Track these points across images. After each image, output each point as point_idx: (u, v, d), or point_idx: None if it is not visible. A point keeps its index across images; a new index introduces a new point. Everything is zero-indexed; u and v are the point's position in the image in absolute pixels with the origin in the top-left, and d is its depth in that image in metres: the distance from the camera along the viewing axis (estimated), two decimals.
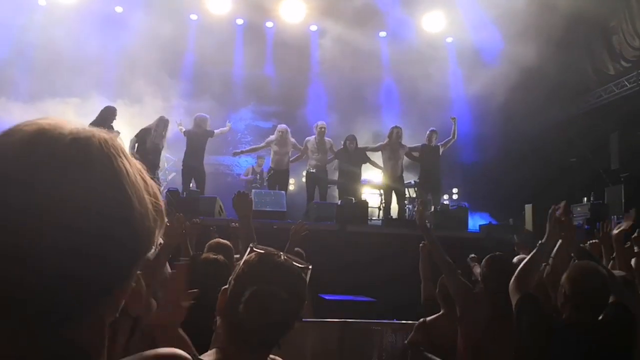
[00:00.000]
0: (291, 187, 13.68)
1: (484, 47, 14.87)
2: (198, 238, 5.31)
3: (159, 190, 0.86)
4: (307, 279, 1.81)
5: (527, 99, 13.65)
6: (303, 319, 6.01)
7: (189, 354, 1.53)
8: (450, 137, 11.66)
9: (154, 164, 10.59)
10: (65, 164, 0.74)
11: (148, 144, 10.55)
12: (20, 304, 0.71)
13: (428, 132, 11.56)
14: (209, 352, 1.69)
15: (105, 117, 10.16)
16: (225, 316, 1.72)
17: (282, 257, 1.78)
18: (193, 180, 11.24)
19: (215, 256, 3.55)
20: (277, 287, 1.69)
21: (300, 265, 1.80)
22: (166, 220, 0.85)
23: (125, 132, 10.67)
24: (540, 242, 3.41)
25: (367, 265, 8.67)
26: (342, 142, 11.52)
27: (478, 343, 4.09)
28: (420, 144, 11.65)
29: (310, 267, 1.84)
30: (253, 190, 11.00)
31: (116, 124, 10.36)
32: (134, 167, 0.81)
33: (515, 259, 4.57)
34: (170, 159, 13.65)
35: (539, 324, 3.03)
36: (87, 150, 0.76)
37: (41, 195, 0.71)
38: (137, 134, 10.69)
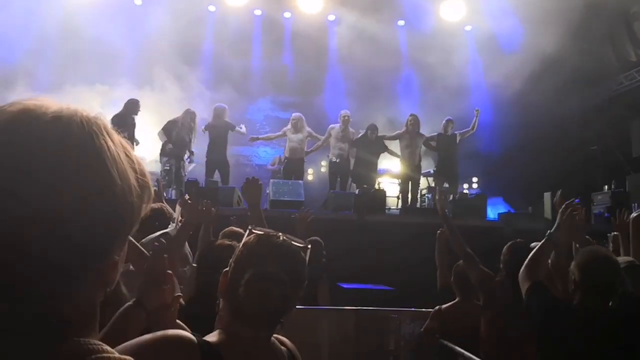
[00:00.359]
0: (310, 177, 13.69)
1: (503, 35, 14.69)
2: (217, 227, 5.34)
3: (145, 167, 0.88)
4: (307, 258, 1.79)
5: (547, 86, 13.48)
6: (320, 307, 6.06)
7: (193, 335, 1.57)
8: (470, 128, 11.60)
9: (178, 155, 10.69)
10: (44, 141, 0.76)
11: (174, 136, 10.64)
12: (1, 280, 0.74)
13: (444, 121, 11.53)
14: (213, 333, 1.70)
15: (130, 109, 10.44)
16: (226, 298, 1.73)
17: (281, 238, 1.77)
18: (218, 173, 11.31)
19: (230, 242, 3.57)
20: (276, 268, 1.69)
21: (299, 245, 1.79)
22: (156, 199, 0.87)
23: (150, 120, 10.81)
24: (549, 231, 3.41)
25: (385, 254, 8.68)
26: (364, 131, 11.48)
27: (501, 330, 4.09)
28: (436, 133, 11.61)
29: (309, 246, 1.83)
30: (271, 180, 11.04)
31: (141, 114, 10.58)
32: (118, 145, 0.83)
33: (532, 244, 4.55)
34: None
35: (550, 309, 3.02)
36: (67, 128, 0.78)
37: (20, 173, 0.73)
38: (164, 126, 10.80)
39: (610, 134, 13.25)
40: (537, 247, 3.38)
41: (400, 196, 11.55)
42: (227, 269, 1.77)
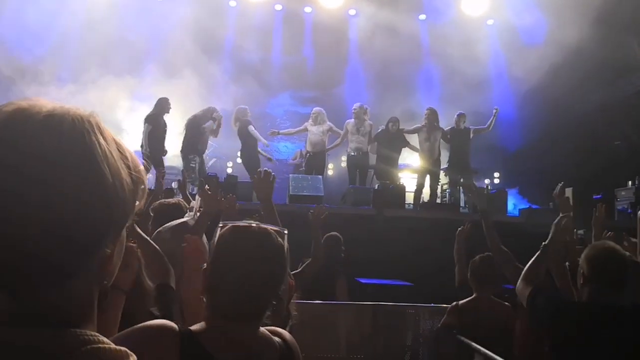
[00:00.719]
0: (330, 172, 13.69)
1: (525, 29, 14.55)
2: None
3: (139, 163, 0.91)
4: (285, 243, 1.76)
5: (570, 80, 13.30)
6: (338, 301, 6.05)
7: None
8: (486, 127, 11.49)
9: (200, 151, 10.76)
10: (37, 139, 0.78)
11: (194, 131, 10.74)
12: None
13: (456, 115, 11.43)
14: (197, 324, 1.68)
15: (161, 109, 10.58)
16: (207, 294, 1.70)
17: (256, 227, 1.75)
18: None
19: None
20: (252, 258, 1.68)
21: (275, 230, 1.76)
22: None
23: (172, 113, 10.91)
24: (544, 243, 3.42)
25: (404, 249, 8.65)
26: (385, 124, 11.44)
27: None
28: (450, 127, 11.52)
29: (285, 231, 1.80)
30: (290, 175, 11.06)
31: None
32: (110, 142, 0.85)
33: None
34: (211, 145, 13.83)
35: (560, 308, 3.00)
36: (59, 126, 0.80)
37: (13, 170, 0.76)
38: (187, 122, 10.86)
39: (634, 129, 13.05)
40: (533, 259, 3.37)
41: (415, 190, 11.44)
42: (205, 266, 1.75)
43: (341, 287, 6.34)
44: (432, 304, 6.04)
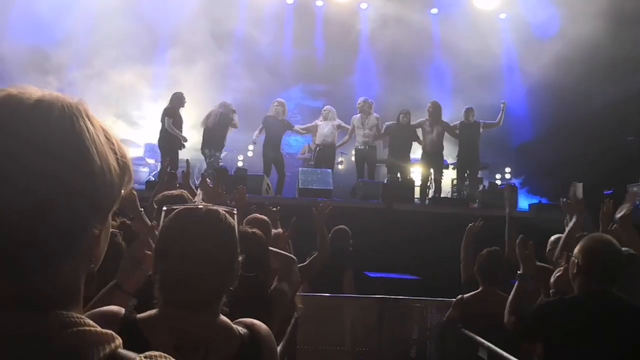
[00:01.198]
0: (340, 167, 13.70)
1: (538, 23, 14.45)
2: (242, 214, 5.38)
3: (126, 150, 0.92)
4: (235, 222, 1.70)
5: (583, 75, 13.19)
6: (345, 294, 6.06)
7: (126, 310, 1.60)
8: (496, 122, 11.40)
9: (217, 143, 10.76)
10: (27, 124, 0.80)
11: (225, 128, 10.77)
12: None
13: (464, 109, 11.37)
14: (148, 312, 1.65)
15: (177, 103, 10.59)
16: (156, 280, 1.65)
17: (203, 209, 1.69)
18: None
19: (252, 229, 3.59)
20: (197, 241, 1.62)
21: (224, 211, 1.70)
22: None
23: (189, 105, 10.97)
24: (518, 272, 3.47)
25: (412, 244, 8.64)
26: (396, 118, 11.39)
27: None
28: (459, 122, 11.45)
29: (235, 210, 1.73)
30: (299, 169, 11.08)
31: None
32: (98, 128, 0.86)
33: (552, 238, 4.53)
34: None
35: (551, 304, 3.09)
36: (48, 112, 0.82)
37: (2, 155, 0.77)
38: (210, 119, 10.85)
39: None
40: (513, 293, 3.41)
41: (430, 185, 11.41)
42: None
43: (348, 280, 6.36)
44: (439, 298, 6.02)
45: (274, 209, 5.25)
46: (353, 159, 11.90)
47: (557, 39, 13.33)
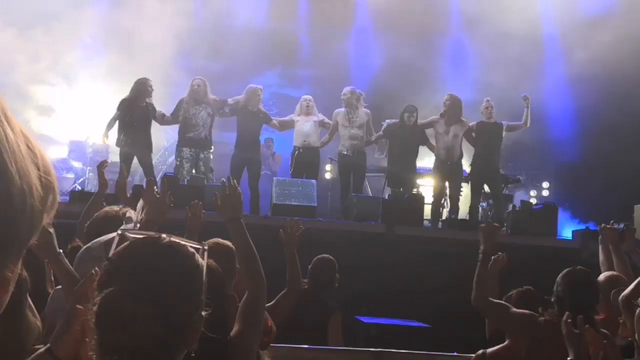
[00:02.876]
0: (327, 176, 13.65)
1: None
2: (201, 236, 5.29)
3: (50, 164, 0.90)
4: (204, 262, 1.72)
5: None
6: (330, 347, 6.01)
7: None
8: (522, 123, 11.30)
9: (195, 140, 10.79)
10: None
11: (180, 118, 10.81)
12: None
13: (483, 103, 11.18)
14: None
15: (142, 91, 10.50)
16: (93, 330, 1.64)
17: (166, 241, 1.70)
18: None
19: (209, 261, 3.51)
20: (143, 287, 1.61)
21: (192, 247, 1.72)
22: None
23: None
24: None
25: (420, 279, 8.67)
26: (399, 115, 11.31)
27: None
28: (476, 122, 11.27)
29: (206, 247, 1.76)
30: (274, 179, 11.00)
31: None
32: (18, 134, 0.84)
33: (601, 277, 4.48)
34: (173, 137, 13.75)
35: None
36: None
37: None
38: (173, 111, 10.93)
39: None
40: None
41: (433, 202, 11.31)
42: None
43: (334, 327, 6.28)
44: (453, 353, 5.97)
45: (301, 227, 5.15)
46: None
47: (612, 16, 13.46)
